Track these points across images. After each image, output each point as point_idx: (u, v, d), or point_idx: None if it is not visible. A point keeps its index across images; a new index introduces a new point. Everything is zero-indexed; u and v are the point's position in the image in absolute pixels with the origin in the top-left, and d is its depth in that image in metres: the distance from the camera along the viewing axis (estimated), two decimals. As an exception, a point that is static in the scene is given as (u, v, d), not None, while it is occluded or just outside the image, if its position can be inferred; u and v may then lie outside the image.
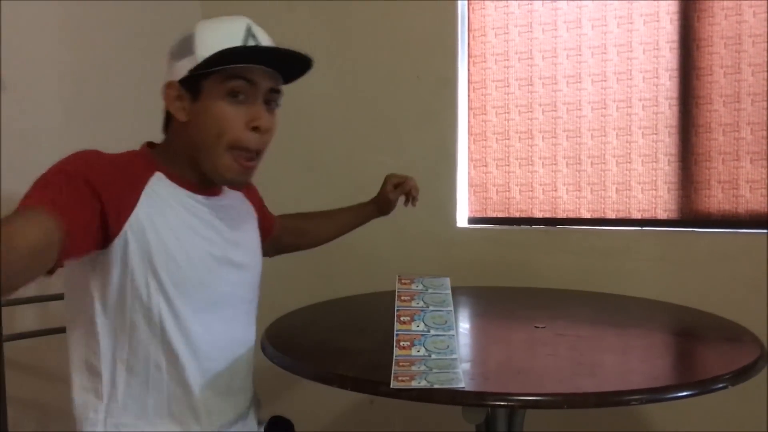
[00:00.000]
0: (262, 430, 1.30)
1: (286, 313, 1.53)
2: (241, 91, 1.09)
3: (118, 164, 1.05)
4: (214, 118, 1.08)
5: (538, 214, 2.18)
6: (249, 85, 1.09)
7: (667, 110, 2.00)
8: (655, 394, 0.99)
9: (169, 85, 1.11)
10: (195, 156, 1.12)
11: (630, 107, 2.04)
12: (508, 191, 2.22)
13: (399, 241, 2.28)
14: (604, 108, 2.07)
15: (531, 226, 2.19)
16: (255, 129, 1.11)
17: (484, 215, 2.26)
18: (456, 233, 2.25)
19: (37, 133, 1.82)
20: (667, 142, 2.01)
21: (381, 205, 1.64)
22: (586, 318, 1.53)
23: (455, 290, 1.36)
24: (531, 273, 2.11)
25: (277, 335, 1.32)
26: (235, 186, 1.25)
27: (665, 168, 2.02)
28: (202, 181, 1.15)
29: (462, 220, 2.26)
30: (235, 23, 1.10)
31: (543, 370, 1.15)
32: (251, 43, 1.09)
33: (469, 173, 2.27)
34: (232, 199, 1.26)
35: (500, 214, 2.23)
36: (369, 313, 1.60)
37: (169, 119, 1.15)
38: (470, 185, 2.27)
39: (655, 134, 2.02)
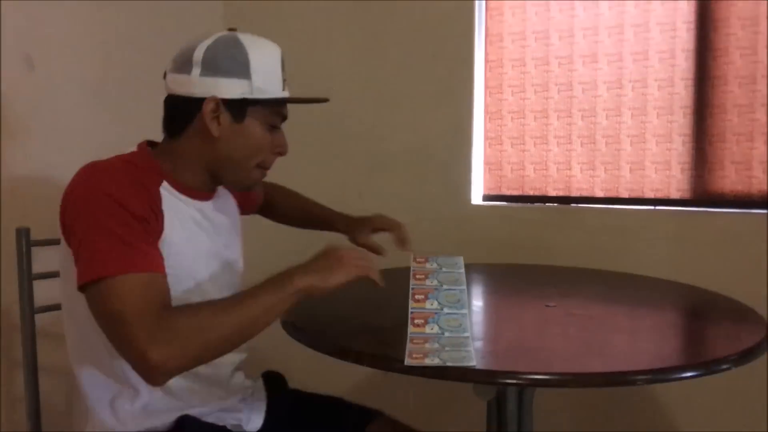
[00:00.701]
0: (260, 382, 1.40)
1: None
2: (277, 124, 1.22)
3: (133, 180, 1.09)
4: (252, 141, 1.19)
5: (552, 193, 2.21)
6: (282, 119, 1.24)
7: (683, 90, 2.01)
8: (659, 375, 1.03)
9: (211, 100, 1.13)
10: (215, 167, 1.20)
11: (645, 87, 2.05)
12: (523, 169, 2.24)
13: (415, 217, 2.30)
14: (620, 88, 2.08)
15: (545, 204, 2.22)
16: (278, 153, 1.24)
17: (499, 193, 2.29)
18: (471, 210, 2.28)
19: (65, 115, 1.87)
20: (681, 122, 2.02)
21: (350, 235, 1.58)
22: (597, 297, 1.57)
23: (469, 267, 1.40)
24: (544, 250, 2.14)
25: (297, 311, 1.36)
26: (248, 190, 1.36)
27: (679, 148, 2.03)
28: (201, 186, 1.22)
29: (477, 198, 2.30)
30: (274, 50, 1.20)
31: (552, 349, 1.19)
32: (283, 71, 1.21)
33: (484, 151, 2.29)
34: (222, 198, 1.32)
35: (515, 192, 2.26)
36: (385, 290, 1.64)
37: (180, 124, 1.17)
38: (485, 163, 2.29)
39: (670, 114, 2.03)
